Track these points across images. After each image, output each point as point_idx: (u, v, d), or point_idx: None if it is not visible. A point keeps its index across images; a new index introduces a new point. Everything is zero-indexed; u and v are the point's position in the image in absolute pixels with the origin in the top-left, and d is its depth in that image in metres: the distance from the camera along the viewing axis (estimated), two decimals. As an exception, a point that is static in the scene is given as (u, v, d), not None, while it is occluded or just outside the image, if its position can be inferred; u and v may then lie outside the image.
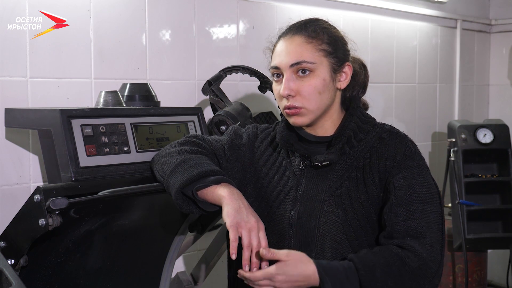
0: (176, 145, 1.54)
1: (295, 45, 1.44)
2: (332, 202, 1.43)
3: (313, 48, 1.43)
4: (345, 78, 1.48)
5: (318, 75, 1.43)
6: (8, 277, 1.28)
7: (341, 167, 1.45)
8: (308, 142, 1.50)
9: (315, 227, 1.43)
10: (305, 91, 1.42)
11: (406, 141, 1.45)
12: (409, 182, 1.39)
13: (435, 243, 1.35)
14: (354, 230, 1.41)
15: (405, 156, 1.41)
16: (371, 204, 1.41)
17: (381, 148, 1.44)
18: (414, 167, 1.41)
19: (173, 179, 1.43)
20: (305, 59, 1.42)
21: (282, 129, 1.52)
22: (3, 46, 1.82)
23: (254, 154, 1.57)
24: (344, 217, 1.41)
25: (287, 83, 1.43)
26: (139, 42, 2.17)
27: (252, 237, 1.32)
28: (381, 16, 3.15)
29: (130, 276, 1.87)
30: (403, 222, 1.36)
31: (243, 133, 1.61)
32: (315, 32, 1.45)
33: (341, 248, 1.41)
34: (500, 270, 3.64)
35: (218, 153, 1.55)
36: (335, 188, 1.44)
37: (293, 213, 1.46)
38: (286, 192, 1.49)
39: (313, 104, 1.43)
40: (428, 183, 1.41)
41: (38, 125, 1.60)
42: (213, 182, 1.39)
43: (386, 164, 1.41)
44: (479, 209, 3.07)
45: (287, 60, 1.43)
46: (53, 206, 1.34)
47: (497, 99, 3.96)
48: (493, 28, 3.92)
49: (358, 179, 1.43)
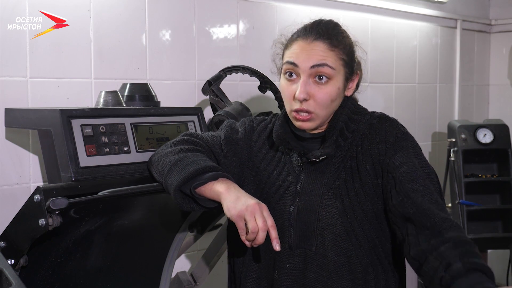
0: (172, 145, 1.54)
1: (318, 50, 1.41)
2: (331, 195, 1.43)
3: (335, 56, 1.42)
4: (352, 86, 1.50)
5: (335, 84, 1.42)
6: (8, 277, 1.28)
7: (337, 160, 1.46)
8: (303, 139, 1.50)
9: (315, 221, 1.44)
10: (320, 98, 1.41)
11: (397, 124, 1.46)
12: (408, 160, 1.39)
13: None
14: (349, 221, 1.41)
15: (397, 138, 1.42)
16: (365, 192, 1.42)
17: (372, 133, 1.44)
18: (409, 148, 1.41)
19: (170, 179, 1.42)
20: (328, 63, 1.40)
21: (278, 127, 1.51)
22: (3, 46, 1.82)
23: (252, 148, 1.57)
24: (341, 208, 1.42)
25: (304, 87, 1.40)
26: (139, 42, 2.16)
27: (257, 219, 1.31)
28: (381, 16, 3.15)
29: (130, 276, 1.87)
30: (422, 198, 1.32)
31: (238, 127, 1.60)
32: (337, 40, 1.43)
33: (341, 240, 1.42)
34: (500, 270, 3.64)
35: (214, 149, 1.54)
36: (332, 181, 1.44)
37: (293, 208, 1.46)
38: (286, 187, 1.49)
39: (324, 111, 1.43)
40: (425, 163, 1.41)
41: (38, 125, 1.60)
42: (210, 178, 1.39)
43: (378, 148, 1.41)
44: (479, 209, 3.08)
45: (309, 61, 1.41)
46: (53, 206, 1.34)
47: (497, 99, 3.96)
48: (493, 28, 3.92)
49: (353, 168, 1.44)
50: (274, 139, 1.52)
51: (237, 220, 1.33)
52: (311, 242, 1.44)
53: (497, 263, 3.62)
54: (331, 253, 1.42)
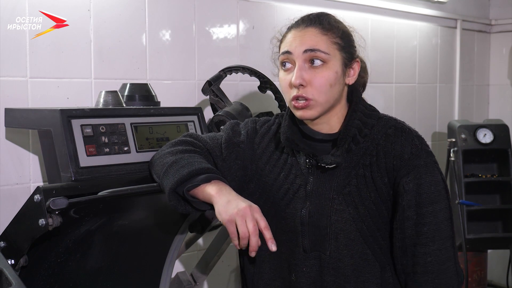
0: (171, 146, 1.53)
1: (310, 35, 1.41)
2: (341, 200, 1.42)
3: (328, 40, 1.41)
4: (353, 74, 1.47)
5: (331, 68, 1.40)
6: (8, 277, 1.28)
7: (347, 165, 1.43)
8: (312, 139, 1.48)
9: (327, 226, 1.42)
10: (317, 82, 1.39)
11: (412, 137, 1.43)
12: (417, 182, 1.39)
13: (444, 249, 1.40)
14: (367, 227, 1.41)
15: (412, 155, 1.40)
16: (382, 201, 1.42)
17: (387, 146, 1.42)
18: (421, 167, 1.40)
19: (165, 181, 1.42)
20: (320, 49, 1.39)
21: (287, 128, 1.49)
22: (3, 46, 1.82)
23: (255, 151, 1.54)
24: (355, 214, 1.41)
25: (299, 72, 1.39)
26: (139, 42, 2.16)
27: (248, 223, 1.29)
28: (381, 16, 3.15)
29: (130, 276, 1.87)
30: (414, 227, 1.39)
31: (241, 128, 1.57)
32: (329, 24, 1.43)
33: (356, 245, 1.41)
34: (500, 270, 3.64)
35: (213, 152, 1.52)
36: (343, 186, 1.43)
37: (304, 212, 1.44)
38: (295, 190, 1.47)
39: (323, 97, 1.40)
40: (435, 180, 1.41)
41: (38, 125, 1.60)
42: (203, 180, 1.37)
43: (393, 164, 1.41)
44: (479, 209, 3.08)
45: (301, 46, 1.40)
46: (53, 206, 1.33)
47: (497, 99, 3.96)
48: (493, 28, 3.92)
49: (367, 177, 1.42)
50: (282, 141, 1.49)
51: (228, 224, 1.31)
52: (324, 246, 1.43)
53: (497, 263, 3.62)
54: (347, 258, 1.42)
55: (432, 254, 1.39)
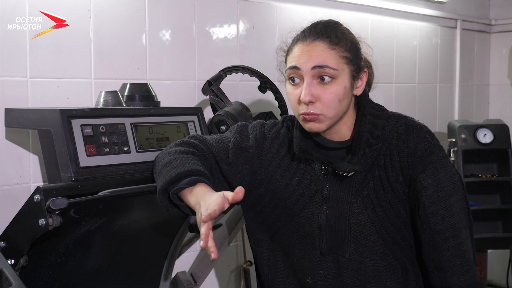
0: (172, 146, 1.52)
1: (318, 50, 1.38)
2: (360, 204, 1.42)
3: (336, 55, 1.39)
4: (361, 84, 1.47)
5: (340, 83, 1.39)
6: (8, 277, 1.28)
7: (362, 168, 1.43)
8: (326, 148, 1.47)
9: (346, 229, 1.43)
10: (326, 99, 1.38)
11: (424, 133, 1.44)
12: (435, 178, 1.40)
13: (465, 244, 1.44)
14: (386, 229, 1.42)
15: (426, 151, 1.41)
16: (398, 201, 1.42)
17: (400, 144, 1.42)
18: (435, 162, 1.41)
19: (158, 181, 1.41)
20: (329, 65, 1.37)
21: (299, 140, 1.47)
22: (3, 46, 1.82)
23: (265, 156, 1.52)
24: (374, 217, 1.41)
25: (308, 89, 1.37)
26: (139, 42, 2.16)
27: (200, 227, 1.24)
28: (381, 16, 3.15)
29: (130, 276, 1.87)
30: (442, 222, 1.40)
31: (249, 132, 1.55)
32: (337, 38, 1.40)
33: (376, 246, 1.42)
34: (500, 270, 3.64)
35: (218, 155, 1.50)
36: (360, 189, 1.43)
37: (322, 216, 1.44)
38: (311, 195, 1.46)
39: (332, 112, 1.39)
40: (450, 173, 1.42)
41: (38, 125, 1.60)
42: (188, 184, 1.34)
43: (408, 161, 1.41)
44: (479, 209, 3.07)
45: (309, 62, 1.37)
46: (53, 206, 1.34)
47: (497, 99, 3.95)
48: (493, 28, 3.92)
49: (382, 178, 1.42)
50: (296, 152, 1.47)
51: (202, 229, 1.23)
52: (343, 249, 1.43)
53: (497, 263, 3.62)
54: (368, 259, 1.42)
55: (464, 243, 1.41)
